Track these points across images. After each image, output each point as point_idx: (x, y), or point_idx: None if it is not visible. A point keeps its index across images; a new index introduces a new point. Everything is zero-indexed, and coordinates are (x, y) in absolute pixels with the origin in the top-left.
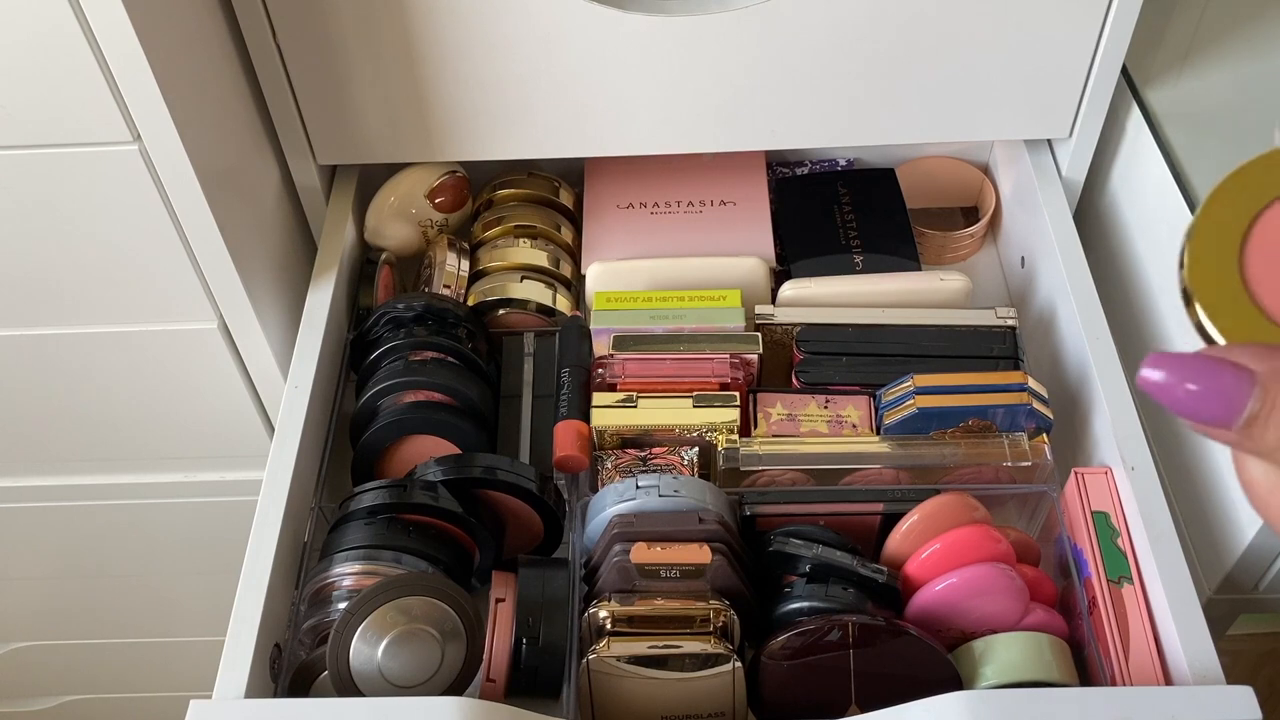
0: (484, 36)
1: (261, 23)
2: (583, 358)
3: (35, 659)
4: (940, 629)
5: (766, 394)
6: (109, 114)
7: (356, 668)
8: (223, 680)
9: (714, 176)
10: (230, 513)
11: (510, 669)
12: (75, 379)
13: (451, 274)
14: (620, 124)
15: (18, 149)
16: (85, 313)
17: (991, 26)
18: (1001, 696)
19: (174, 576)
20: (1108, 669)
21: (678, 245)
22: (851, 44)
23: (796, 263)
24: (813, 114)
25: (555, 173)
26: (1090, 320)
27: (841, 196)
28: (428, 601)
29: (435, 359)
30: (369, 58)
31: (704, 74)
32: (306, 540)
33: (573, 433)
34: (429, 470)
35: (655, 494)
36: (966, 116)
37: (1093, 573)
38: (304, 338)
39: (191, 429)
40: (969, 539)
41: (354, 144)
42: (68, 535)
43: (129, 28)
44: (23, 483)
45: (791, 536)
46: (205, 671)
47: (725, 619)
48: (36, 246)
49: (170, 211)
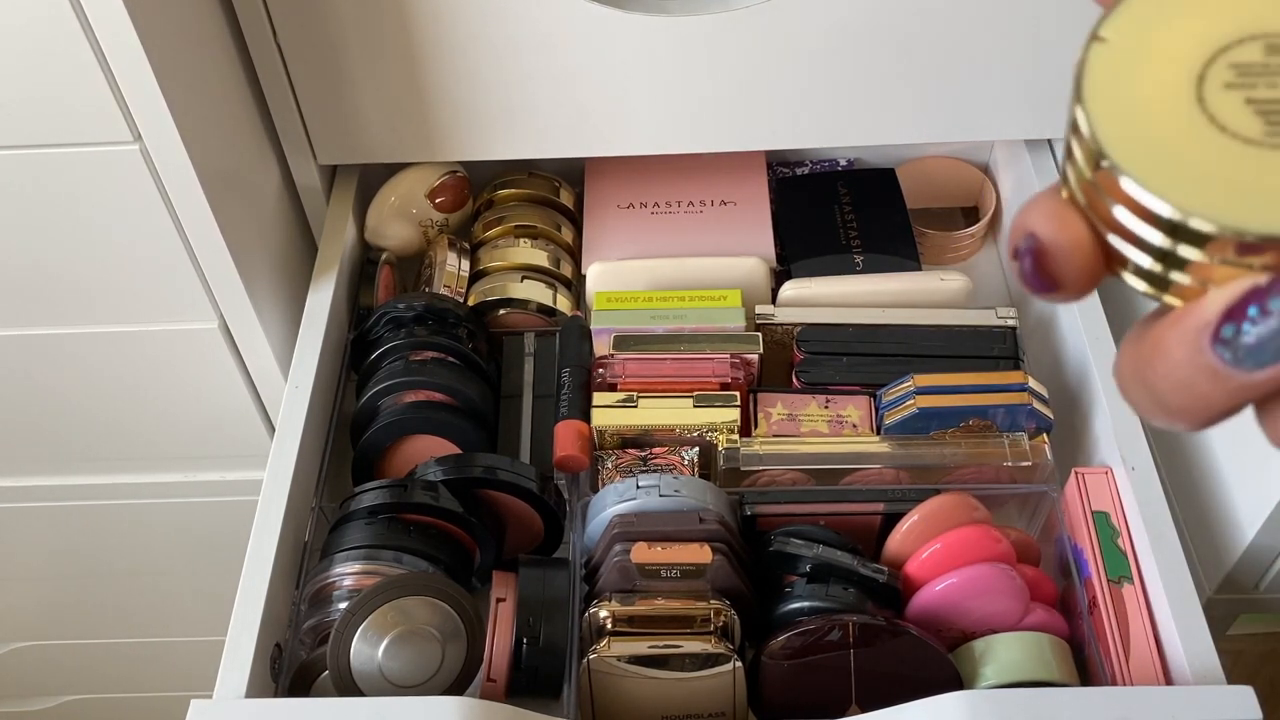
0: (484, 36)
1: (262, 23)
2: (583, 358)
3: (35, 659)
4: (941, 629)
5: (767, 394)
6: (109, 114)
7: (357, 668)
8: (223, 680)
9: (714, 176)
10: (230, 513)
11: (511, 669)
12: (75, 379)
13: (452, 274)
14: (620, 124)
15: (18, 149)
16: (85, 313)
17: (992, 26)
18: (1002, 696)
19: (174, 576)
20: (1108, 669)
21: (678, 245)
22: (852, 44)
23: (796, 263)
24: (813, 114)
25: (555, 173)
26: (1090, 320)
27: (842, 196)
28: (428, 601)
29: (435, 359)
30: (369, 58)
31: (704, 74)
32: (307, 540)
33: (573, 433)
34: (429, 470)
35: (656, 494)
36: (966, 116)
37: (1093, 573)
38: (304, 338)
39: (191, 429)
40: (969, 539)
41: (354, 144)
42: (68, 535)
43: (129, 27)
44: (23, 483)
45: (792, 536)
46: (205, 671)
47: (726, 619)
48: (36, 246)
49: (170, 211)
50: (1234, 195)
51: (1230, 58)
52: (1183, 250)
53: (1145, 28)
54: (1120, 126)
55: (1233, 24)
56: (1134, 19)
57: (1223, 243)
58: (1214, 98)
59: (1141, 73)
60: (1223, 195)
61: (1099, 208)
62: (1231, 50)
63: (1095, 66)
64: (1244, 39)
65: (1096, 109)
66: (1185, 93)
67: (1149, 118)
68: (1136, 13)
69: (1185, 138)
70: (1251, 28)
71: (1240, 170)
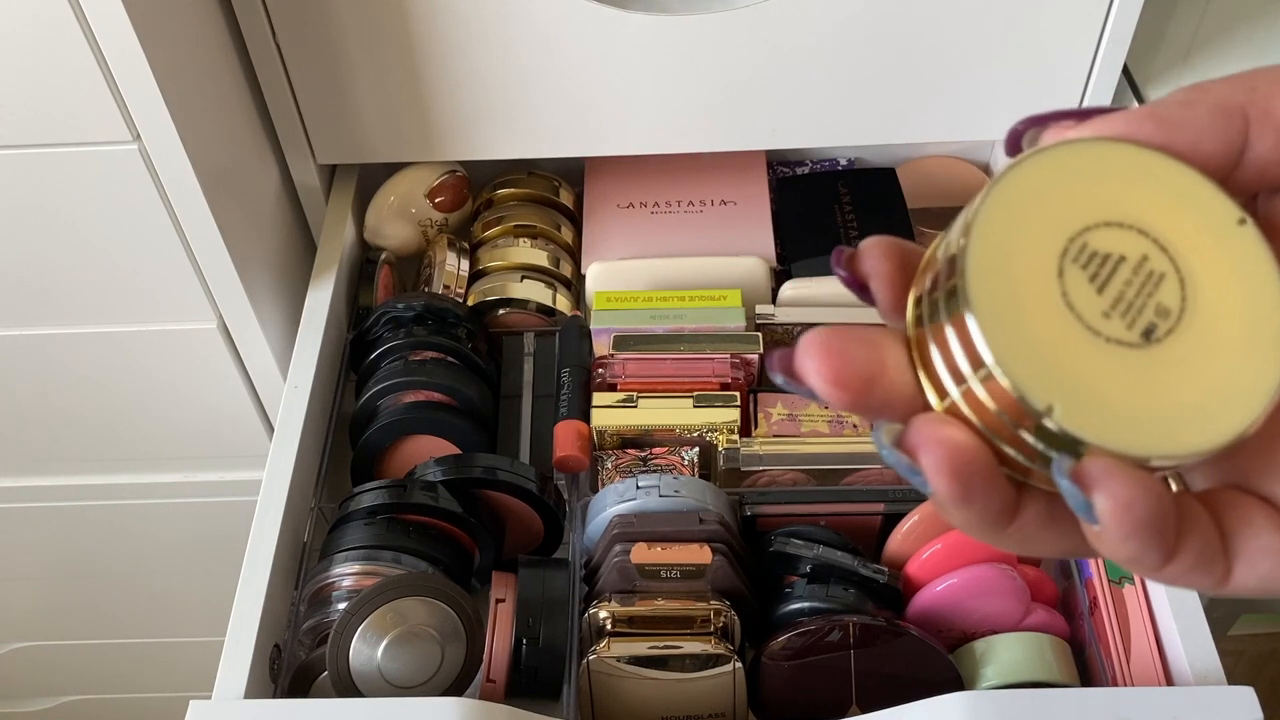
0: (484, 36)
1: (261, 22)
2: (583, 358)
3: (35, 659)
4: (941, 629)
5: (767, 394)
6: (109, 114)
7: (356, 668)
8: (222, 680)
9: (714, 176)
10: (230, 513)
11: (510, 669)
12: (75, 379)
13: (451, 274)
14: (620, 123)
15: (17, 149)
16: (84, 313)
17: (992, 26)
18: (1002, 697)
19: (174, 576)
20: (1109, 669)
21: (678, 245)
22: (852, 43)
23: (797, 262)
24: (813, 114)
25: (555, 172)
26: None
27: (842, 196)
28: (427, 602)
29: (435, 359)
30: (369, 57)
31: (704, 73)
32: (306, 540)
33: (573, 433)
34: (429, 470)
35: (655, 494)
36: (967, 116)
37: (1094, 573)
38: (303, 337)
39: (191, 429)
40: (970, 539)
41: (354, 144)
42: (68, 535)
43: (129, 27)
44: (23, 483)
45: (792, 537)
46: (205, 671)
47: (726, 619)
48: (36, 246)
49: (170, 211)
50: (1053, 374)
51: (1090, 239)
52: (980, 391)
53: (1034, 191)
54: (989, 277)
55: (1102, 205)
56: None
57: (1014, 403)
58: (1071, 276)
59: (1021, 233)
60: (1043, 370)
61: (937, 331)
62: (1094, 232)
63: (988, 214)
64: (1110, 222)
65: (975, 252)
66: (1050, 265)
67: (1016, 280)
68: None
69: (1037, 308)
70: (1119, 213)
71: (1072, 353)
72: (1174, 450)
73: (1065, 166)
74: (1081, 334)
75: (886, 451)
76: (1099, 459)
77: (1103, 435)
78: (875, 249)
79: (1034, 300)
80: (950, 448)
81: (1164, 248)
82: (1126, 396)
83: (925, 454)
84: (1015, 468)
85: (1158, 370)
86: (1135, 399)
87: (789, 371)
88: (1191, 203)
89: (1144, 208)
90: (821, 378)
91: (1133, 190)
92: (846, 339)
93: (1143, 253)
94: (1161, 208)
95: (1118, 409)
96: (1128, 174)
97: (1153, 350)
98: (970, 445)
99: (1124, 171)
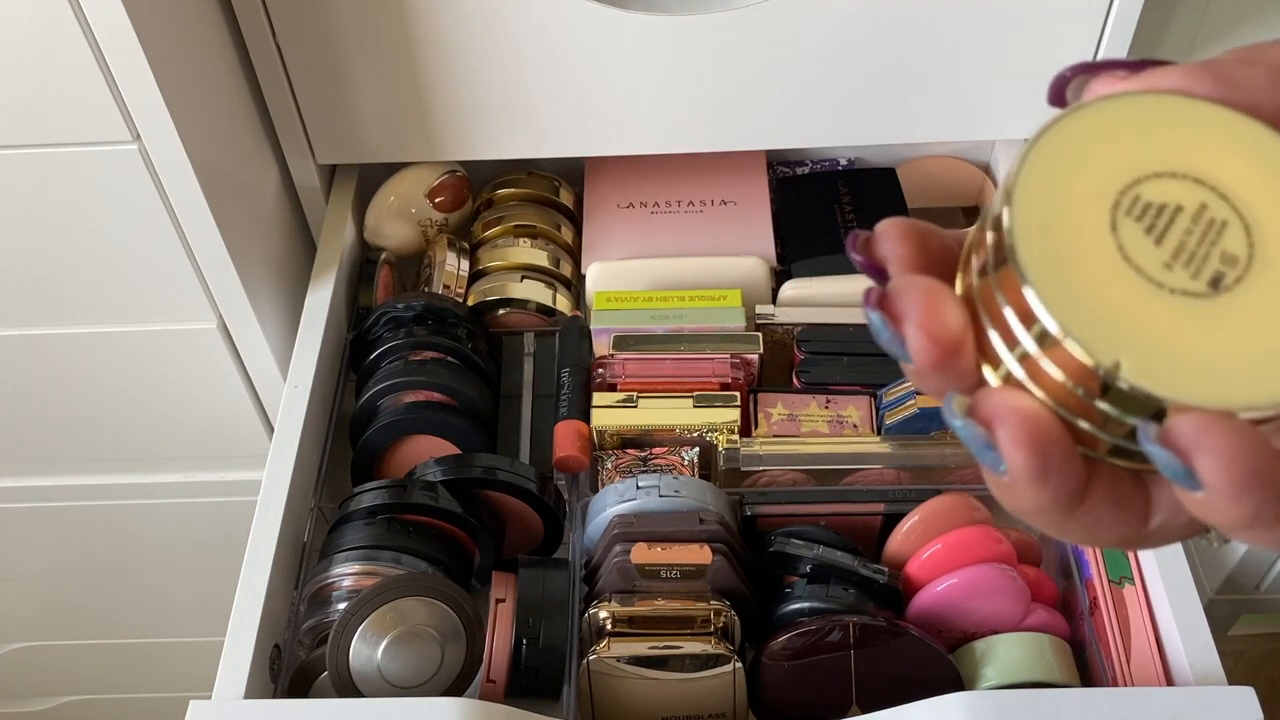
0: (484, 36)
1: (261, 22)
2: (583, 358)
3: (35, 659)
4: (941, 629)
5: (767, 394)
6: (109, 114)
7: (356, 668)
8: (222, 681)
9: (714, 176)
10: (230, 513)
11: (510, 669)
12: (75, 379)
13: (451, 274)
14: (621, 123)
15: (17, 148)
16: (85, 313)
17: (993, 26)
18: (1002, 697)
19: (174, 576)
20: (1109, 670)
21: (678, 245)
22: (852, 44)
23: (797, 262)
24: (813, 114)
25: (555, 172)
26: None
27: (842, 196)
28: (427, 602)
29: (435, 359)
30: (369, 57)
31: (704, 73)
32: (306, 541)
33: (573, 433)
34: (429, 470)
35: (656, 494)
36: (967, 116)
37: (1094, 573)
38: (303, 337)
39: (191, 429)
40: (970, 539)
41: (354, 143)
42: (68, 535)
43: (129, 27)
44: (23, 483)
45: (792, 537)
46: (205, 671)
47: (726, 619)
48: (36, 246)
49: (170, 211)
50: (1118, 331)
51: (1143, 191)
52: (1044, 358)
53: (1077, 147)
54: (1038, 239)
55: (1154, 156)
56: (1066, 138)
57: (1080, 367)
58: (1125, 229)
59: (1067, 191)
60: (1107, 329)
61: (990, 304)
62: (1145, 183)
63: (1029, 176)
64: (1162, 173)
65: (1021, 216)
66: (1102, 220)
67: (1066, 239)
68: (1069, 132)
69: (1093, 265)
70: (1171, 163)
71: (1135, 308)
72: (1262, 399)
73: (1112, 120)
74: (1144, 287)
75: (960, 424)
76: (1188, 416)
77: (1180, 389)
78: (892, 231)
79: (1089, 257)
80: (1027, 417)
81: (1224, 195)
82: (1200, 348)
83: (1001, 425)
84: (1085, 442)
85: (1231, 319)
86: (1210, 350)
87: (882, 305)
88: (1252, 150)
89: (1198, 156)
90: (920, 329)
91: (1184, 139)
92: (947, 296)
93: (1201, 201)
94: (1218, 156)
95: (1192, 361)
96: (1179, 124)
97: (1222, 299)
98: (1046, 416)
99: (1176, 122)
